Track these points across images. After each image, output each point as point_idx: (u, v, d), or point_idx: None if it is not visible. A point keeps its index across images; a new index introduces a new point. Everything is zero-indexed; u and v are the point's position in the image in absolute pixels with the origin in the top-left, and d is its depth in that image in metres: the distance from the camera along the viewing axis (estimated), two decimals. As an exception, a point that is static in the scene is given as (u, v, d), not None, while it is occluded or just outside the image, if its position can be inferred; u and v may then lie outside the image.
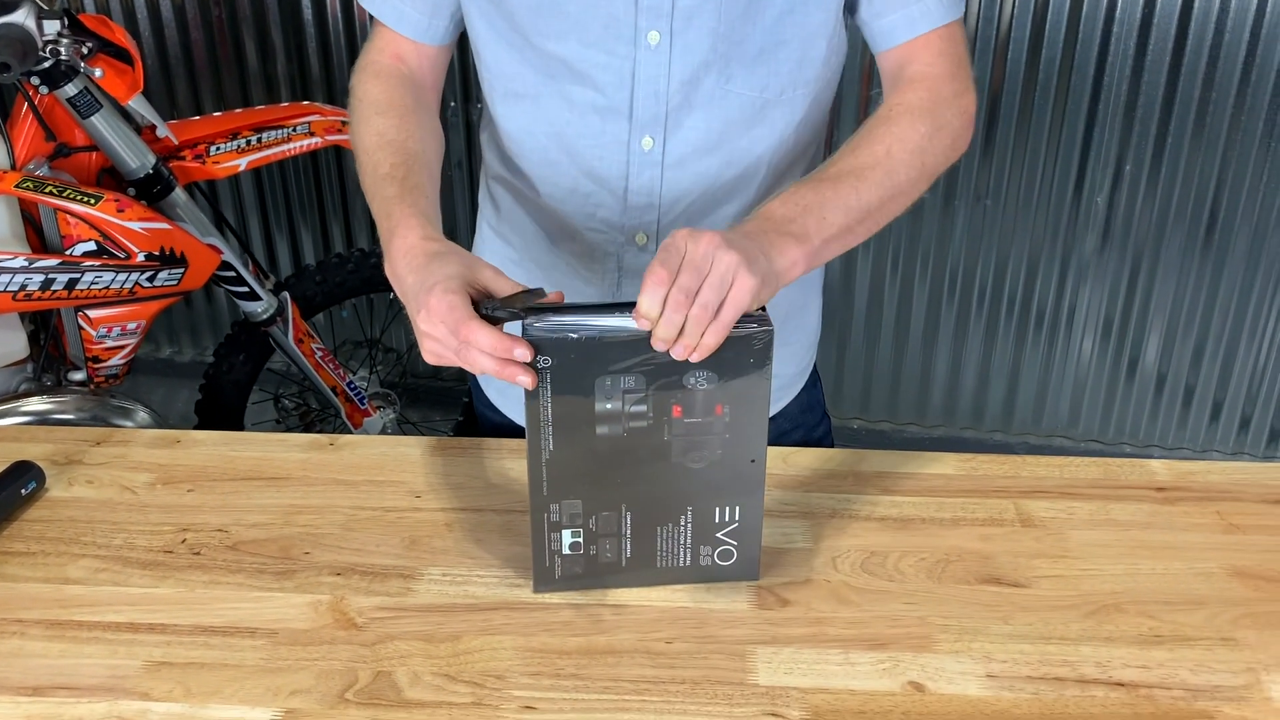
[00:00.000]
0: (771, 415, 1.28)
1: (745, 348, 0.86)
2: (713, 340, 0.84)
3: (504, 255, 1.22)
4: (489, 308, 0.86)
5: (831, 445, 1.38)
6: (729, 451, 0.90)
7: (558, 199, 1.13)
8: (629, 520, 0.93)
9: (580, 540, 0.94)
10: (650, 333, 0.84)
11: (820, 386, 1.37)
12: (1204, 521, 1.06)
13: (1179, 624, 0.94)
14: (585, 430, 0.89)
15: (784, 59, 1.04)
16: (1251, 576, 0.99)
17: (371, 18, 1.13)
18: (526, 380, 0.86)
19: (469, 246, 1.33)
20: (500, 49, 1.08)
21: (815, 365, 1.35)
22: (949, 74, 1.05)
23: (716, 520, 0.94)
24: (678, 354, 0.84)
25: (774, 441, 1.29)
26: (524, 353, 0.84)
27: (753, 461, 0.91)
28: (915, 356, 2.68)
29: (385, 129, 1.05)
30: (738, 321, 0.85)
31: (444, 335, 0.86)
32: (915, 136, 1.01)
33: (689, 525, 0.94)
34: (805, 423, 1.33)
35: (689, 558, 0.95)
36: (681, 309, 0.83)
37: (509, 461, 1.13)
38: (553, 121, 1.08)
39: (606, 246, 1.14)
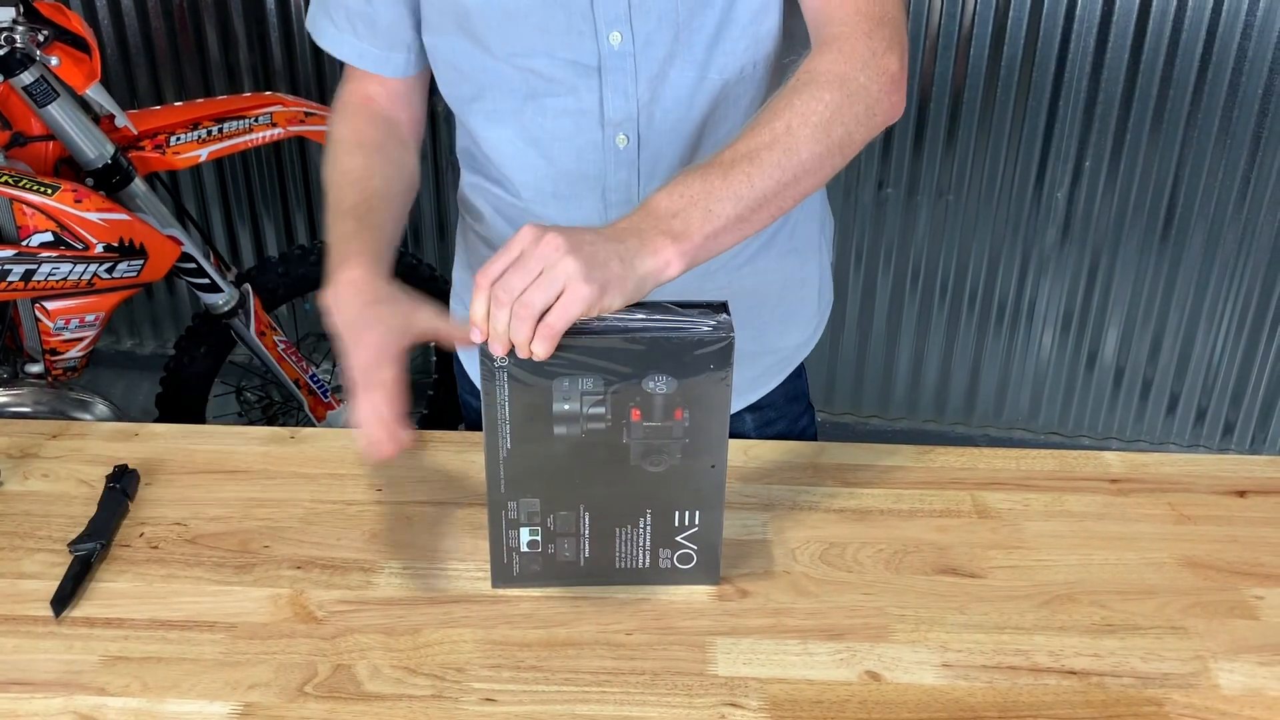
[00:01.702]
0: (757, 401, 1.29)
1: (705, 352, 0.86)
2: (541, 348, 0.81)
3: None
4: None
5: (815, 438, 1.39)
6: (689, 456, 0.90)
7: (540, 202, 1.13)
8: (587, 521, 0.94)
9: (538, 539, 0.94)
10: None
11: (805, 378, 1.38)
12: (1156, 513, 1.08)
13: (1130, 613, 0.96)
14: (543, 429, 0.89)
15: (739, 36, 1.04)
16: (1201, 566, 1.01)
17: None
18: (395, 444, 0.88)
19: (438, 238, 1.33)
20: (479, 74, 1.07)
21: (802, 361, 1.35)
22: (866, 32, 0.96)
23: (676, 524, 0.94)
24: (520, 355, 0.83)
25: (758, 431, 1.30)
26: (402, 436, 0.87)
27: (713, 467, 0.91)
28: (878, 350, 2.70)
29: (351, 167, 1.07)
30: (699, 324, 0.85)
31: (350, 379, 0.89)
32: (819, 108, 0.93)
33: (648, 528, 0.94)
34: (790, 413, 1.34)
35: (648, 560, 0.96)
36: (503, 305, 0.80)
37: (471, 454, 1.13)
38: (528, 128, 1.08)
39: None
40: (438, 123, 2.54)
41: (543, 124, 1.07)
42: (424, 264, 2.29)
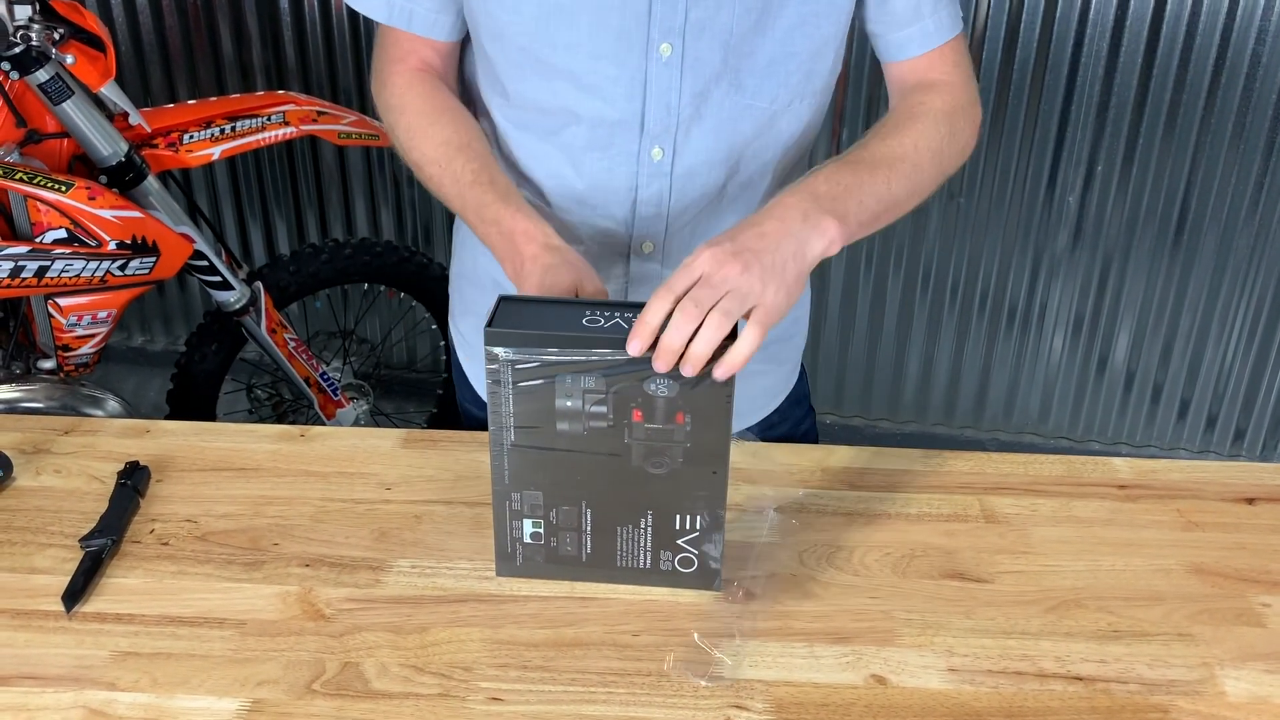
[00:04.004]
0: (761, 418, 1.30)
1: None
2: (743, 353, 0.82)
3: None
4: None
5: (815, 439, 1.39)
6: (690, 461, 0.90)
7: (564, 209, 1.12)
8: (589, 517, 0.94)
9: (541, 531, 0.95)
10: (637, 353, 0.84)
11: (806, 380, 1.38)
12: (1164, 519, 1.08)
13: (1137, 619, 0.96)
14: (546, 425, 0.90)
15: (793, 70, 1.04)
16: (1209, 573, 1.01)
17: (374, 23, 1.11)
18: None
19: (447, 238, 1.33)
20: (507, 66, 1.06)
21: (802, 362, 1.36)
22: (964, 83, 1.09)
23: (677, 527, 0.94)
24: (686, 369, 0.83)
25: (760, 435, 1.30)
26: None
27: (714, 474, 0.91)
28: (888, 353, 2.70)
29: (449, 137, 1.05)
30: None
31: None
32: (936, 138, 1.03)
33: (649, 529, 0.94)
34: (792, 416, 1.34)
35: (649, 561, 0.96)
36: (691, 319, 0.82)
37: (480, 454, 1.14)
38: (559, 134, 1.07)
39: (613, 255, 1.14)
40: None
41: (576, 130, 1.06)
42: (434, 263, 2.30)
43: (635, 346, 0.83)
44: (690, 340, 0.82)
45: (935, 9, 1.06)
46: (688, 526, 0.94)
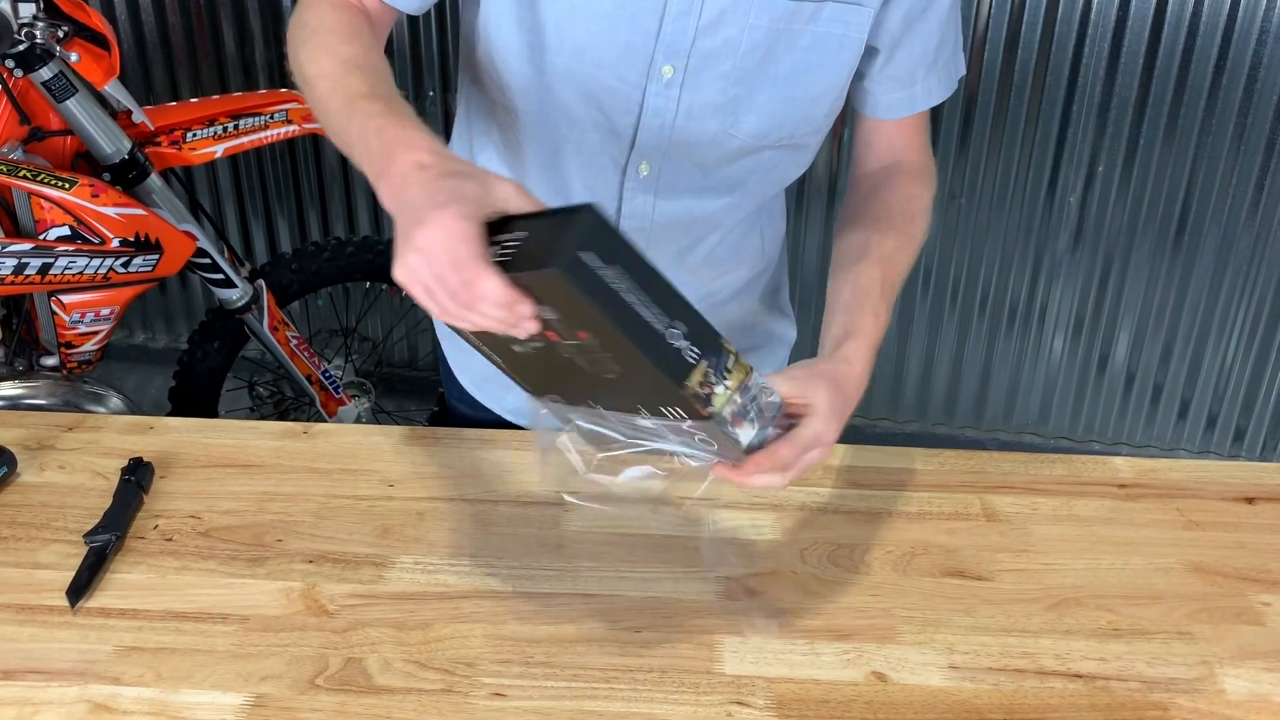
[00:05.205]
0: None
1: (566, 229, 0.73)
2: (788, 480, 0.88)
3: None
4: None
5: None
6: (623, 365, 0.78)
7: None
8: (602, 411, 0.85)
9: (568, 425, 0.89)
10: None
11: None
12: (1164, 518, 1.08)
13: (1137, 618, 0.96)
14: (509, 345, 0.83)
15: (789, 114, 1.05)
16: (1209, 572, 1.02)
17: None
18: (532, 326, 0.77)
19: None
20: (513, 55, 1.04)
21: None
22: (929, 160, 1.15)
23: (670, 419, 0.82)
24: (723, 471, 0.84)
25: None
26: (526, 310, 0.76)
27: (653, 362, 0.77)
28: (889, 353, 2.70)
29: (353, 55, 0.96)
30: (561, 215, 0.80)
31: (444, 267, 0.76)
32: (922, 235, 1.10)
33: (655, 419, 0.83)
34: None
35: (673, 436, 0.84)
36: (787, 478, 0.85)
37: (482, 452, 1.14)
38: (552, 136, 1.07)
39: None
40: (452, 119, 2.55)
41: (566, 135, 1.06)
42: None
43: (730, 471, 0.84)
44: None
45: (926, 75, 1.08)
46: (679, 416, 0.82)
